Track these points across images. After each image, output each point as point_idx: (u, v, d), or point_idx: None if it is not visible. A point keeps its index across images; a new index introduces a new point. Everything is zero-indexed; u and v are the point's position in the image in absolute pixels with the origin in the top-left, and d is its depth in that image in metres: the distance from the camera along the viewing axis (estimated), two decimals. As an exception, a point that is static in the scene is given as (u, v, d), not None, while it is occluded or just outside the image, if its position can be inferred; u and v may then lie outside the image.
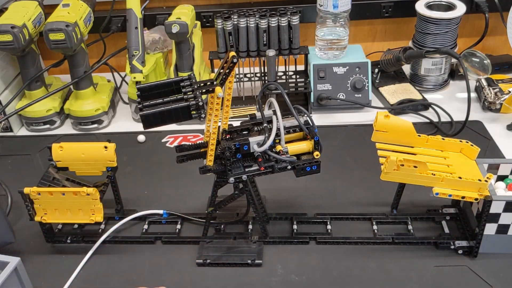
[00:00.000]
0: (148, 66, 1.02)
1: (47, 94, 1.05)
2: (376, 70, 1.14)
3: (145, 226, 0.82)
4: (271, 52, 0.99)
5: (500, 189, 0.75)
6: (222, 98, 0.67)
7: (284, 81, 1.11)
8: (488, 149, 0.95)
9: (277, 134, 0.69)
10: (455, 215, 0.80)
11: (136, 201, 0.88)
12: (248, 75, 1.12)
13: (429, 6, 1.09)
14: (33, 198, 0.73)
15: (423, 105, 1.07)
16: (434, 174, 0.69)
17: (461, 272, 0.71)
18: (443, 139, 0.75)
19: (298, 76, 1.12)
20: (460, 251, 0.74)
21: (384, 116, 0.72)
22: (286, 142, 0.70)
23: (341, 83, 1.07)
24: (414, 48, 1.11)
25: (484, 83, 1.06)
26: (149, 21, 1.20)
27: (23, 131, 1.11)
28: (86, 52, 1.06)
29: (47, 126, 1.09)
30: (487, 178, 0.69)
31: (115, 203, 0.84)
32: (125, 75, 1.19)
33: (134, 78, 1.00)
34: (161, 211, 0.83)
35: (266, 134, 0.68)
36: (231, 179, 0.70)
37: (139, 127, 1.07)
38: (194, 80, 0.66)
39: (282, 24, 1.02)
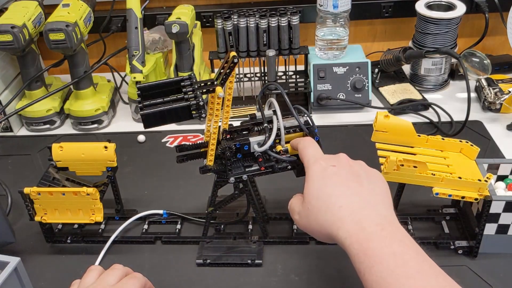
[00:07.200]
0: (148, 66, 1.02)
1: (47, 94, 1.05)
2: (376, 70, 1.14)
3: (145, 226, 0.82)
4: (271, 52, 0.99)
5: (500, 189, 0.75)
6: (223, 98, 0.67)
7: (284, 81, 1.11)
8: (488, 149, 0.95)
9: (277, 134, 0.69)
10: (455, 215, 0.80)
11: (136, 201, 0.88)
12: (248, 75, 1.12)
13: (429, 6, 1.09)
14: (33, 198, 0.73)
15: (423, 105, 1.07)
16: (434, 174, 0.69)
17: (461, 272, 0.72)
18: (443, 139, 0.75)
19: (298, 76, 1.12)
20: (460, 251, 0.74)
21: (384, 116, 0.72)
22: (286, 142, 0.70)
23: (341, 83, 1.07)
24: (414, 48, 1.11)
25: (484, 83, 1.06)
26: (149, 21, 1.20)
27: (23, 131, 1.11)
28: (86, 52, 1.06)
29: (47, 126, 1.09)
30: (487, 178, 0.69)
31: (115, 203, 0.84)
32: (125, 75, 1.19)
33: (134, 78, 1.00)
34: (161, 211, 0.83)
35: (267, 134, 0.68)
36: (232, 179, 0.70)
37: (139, 127, 1.07)
38: (194, 80, 0.66)
39: (282, 24, 1.02)
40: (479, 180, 0.69)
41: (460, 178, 0.69)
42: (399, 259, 0.50)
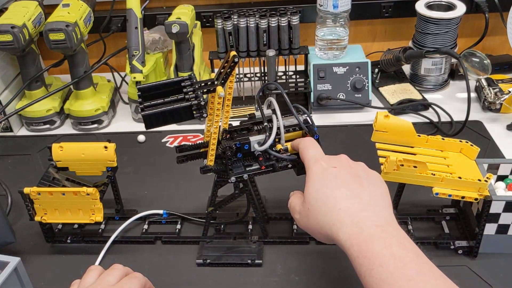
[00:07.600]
0: (148, 66, 1.02)
1: (47, 94, 1.05)
2: (376, 70, 1.14)
3: (145, 226, 0.82)
4: (271, 52, 0.99)
5: (500, 189, 0.75)
6: (223, 97, 0.67)
7: (284, 81, 1.11)
8: (488, 149, 0.95)
9: (277, 133, 0.69)
10: (455, 215, 0.80)
11: (136, 201, 0.88)
12: (248, 75, 1.12)
13: (429, 6, 1.09)
14: (33, 198, 0.73)
15: (423, 105, 1.07)
16: (434, 174, 0.69)
17: (461, 272, 0.72)
18: (443, 139, 0.75)
19: (298, 76, 1.12)
20: (460, 251, 0.74)
21: (384, 116, 0.72)
22: (286, 141, 0.70)
23: (341, 83, 1.07)
24: (414, 48, 1.11)
25: (484, 83, 1.06)
26: (149, 21, 1.20)
27: (23, 131, 1.11)
28: (86, 52, 1.06)
29: (47, 126, 1.09)
30: (487, 178, 0.69)
31: (115, 203, 0.84)
32: (125, 75, 1.19)
33: (134, 78, 1.00)
34: (161, 211, 0.83)
35: (267, 133, 0.68)
36: (233, 179, 0.70)
37: (139, 127, 1.08)
38: (194, 80, 0.66)
39: (282, 24, 1.02)
40: (479, 180, 0.69)
41: (460, 178, 0.69)
42: (399, 261, 0.50)
